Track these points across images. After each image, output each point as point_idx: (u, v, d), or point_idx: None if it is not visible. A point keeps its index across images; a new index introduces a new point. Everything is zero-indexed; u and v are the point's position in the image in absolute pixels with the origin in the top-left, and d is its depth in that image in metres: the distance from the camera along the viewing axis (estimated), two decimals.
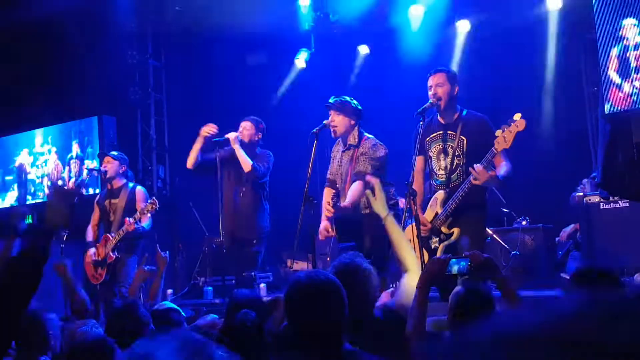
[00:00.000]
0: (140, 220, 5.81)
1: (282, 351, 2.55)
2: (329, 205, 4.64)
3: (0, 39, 8.88)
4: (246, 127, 5.89)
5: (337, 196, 5.10)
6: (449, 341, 0.94)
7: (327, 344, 2.13)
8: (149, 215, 5.87)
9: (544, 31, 7.19)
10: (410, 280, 2.96)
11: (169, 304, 3.38)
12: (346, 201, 4.68)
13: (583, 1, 6.92)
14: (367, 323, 2.65)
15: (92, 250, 6.04)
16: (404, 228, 4.68)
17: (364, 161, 4.89)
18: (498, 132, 4.23)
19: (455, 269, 2.70)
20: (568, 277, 3.16)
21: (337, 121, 4.97)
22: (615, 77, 5.22)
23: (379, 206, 3.29)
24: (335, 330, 2.15)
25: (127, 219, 5.76)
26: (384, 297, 3.22)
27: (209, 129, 5.82)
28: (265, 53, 8.80)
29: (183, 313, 3.32)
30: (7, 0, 8.37)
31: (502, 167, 4.32)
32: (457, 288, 2.86)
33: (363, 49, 8.34)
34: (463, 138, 4.51)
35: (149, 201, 5.85)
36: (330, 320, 2.14)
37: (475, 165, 4.22)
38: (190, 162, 5.90)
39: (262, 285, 6.59)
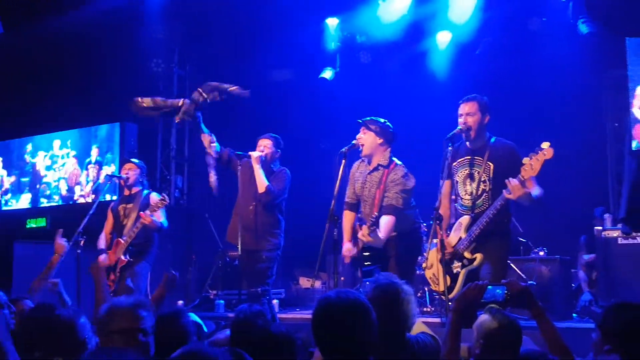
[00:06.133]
0: (153, 216, 5.78)
1: None
2: (366, 232, 4.54)
3: (25, 42, 8.96)
4: (266, 145, 5.84)
5: (360, 220, 5.05)
6: None
7: None
8: (160, 212, 5.82)
9: (569, 64, 7.20)
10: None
11: (194, 317, 3.35)
12: (382, 236, 4.63)
13: (609, 38, 7.01)
14: (401, 346, 2.63)
15: (103, 256, 5.97)
16: (428, 251, 4.70)
17: (395, 193, 4.81)
18: (525, 160, 4.22)
19: (491, 296, 2.69)
20: (599, 311, 3.14)
21: (364, 139, 4.93)
22: None
23: None
24: (363, 351, 2.13)
25: (142, 212, 5.75)
26: None
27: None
28: (290, 70, 8.86)
29: (205, 328, 3.31)
30: (33, 5, 8.48)
31: (536, 189, 4.31)
32: (484, 317, 2.82)
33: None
34: (490, 164, 4.50)
35: (159, 197, 5.85)
36: (358, 340, 2.12)
37: (510, 179, 4.21)
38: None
39: (275, 301, 6.58)
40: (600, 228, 6.17)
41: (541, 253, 6.69)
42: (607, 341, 2.56)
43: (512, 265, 6.26)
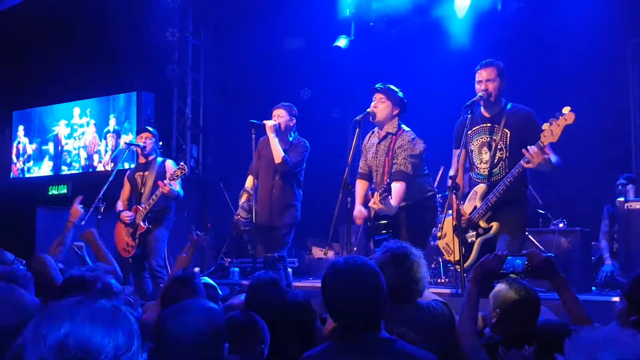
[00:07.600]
0: (171, 185, 5.83)
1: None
2: (377, 200, 4.33)
3: (43, 11, 8.95)
4: (280, 115, 5.74)
5: (373, 190, 4.96)
6: None
7: (363, 329, 2.10)
8: (178, 181, 5.91)
9: (593, 31, 6.97)
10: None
11: (207, 279, 3.36)
12: (394, 203, 4.49)
13: (632, 5, 6.77)
14: (413, 311, 2.59)
15: (125, 212, 6.08)
16: (443, 220, 4.61)
17: (403, 158, 4.68)
18: (545, 125, 4.08)
19: (510, 266, 2.61)
20: (625, 281, 3.04)
21: (380, 107, 4.82)
22: None
23: None
24: (372, 316, 2.11)
25: (160, 181, 5.80)
26: None
27: None
28: (304, 38, 8.71)
29: (220, 292, 3.30)
30: None
31: (553, 156, 4.17)
32: (501, 286, 2.75)
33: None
34: (507, 131, 4.38)
35: (177, 166, 5.89)
36: (367, 304, 2.10)
37: (529, 147, 4.06)
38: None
39: (289, 269, 6.58)
40: (622, 199, 6.02)
41: (561, 225, 6.55)
42: (634, 311, 2.47)
43: (530, 237, 6.15)
